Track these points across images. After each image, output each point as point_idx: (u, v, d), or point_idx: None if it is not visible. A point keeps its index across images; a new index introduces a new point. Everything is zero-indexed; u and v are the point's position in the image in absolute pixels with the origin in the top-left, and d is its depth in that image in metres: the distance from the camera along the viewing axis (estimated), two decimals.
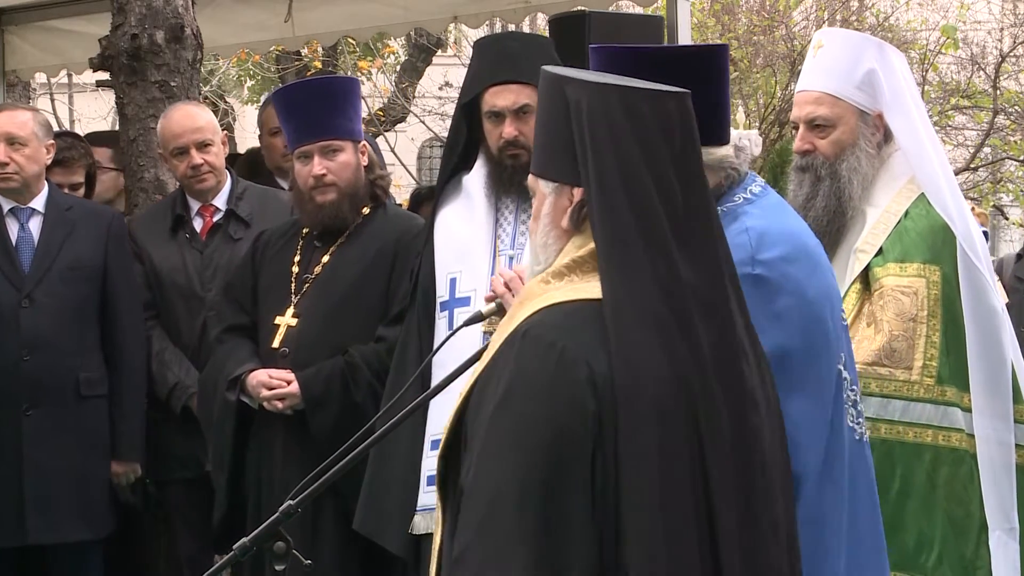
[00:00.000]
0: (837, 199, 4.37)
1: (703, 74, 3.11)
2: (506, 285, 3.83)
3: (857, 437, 3.61)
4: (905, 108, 4.40)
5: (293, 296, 4.93)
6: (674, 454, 2.40)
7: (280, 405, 4.80)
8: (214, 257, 5.55)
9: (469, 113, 4.54)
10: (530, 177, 2.65)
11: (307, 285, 4.92)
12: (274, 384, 4.80)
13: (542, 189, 2.62)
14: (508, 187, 4.45)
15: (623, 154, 2.48)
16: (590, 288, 2.50)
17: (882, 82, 4.38)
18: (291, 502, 2.96)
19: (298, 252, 5.00)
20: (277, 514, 2.94)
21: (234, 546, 2.94)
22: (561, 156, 2.55)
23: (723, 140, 3.40)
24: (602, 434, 2.39)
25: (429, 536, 4.39)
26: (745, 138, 3.57)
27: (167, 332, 5.58)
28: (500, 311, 3.46)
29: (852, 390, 3.60)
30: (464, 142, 4.58)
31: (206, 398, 5.09)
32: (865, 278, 4.30)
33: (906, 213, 4.35)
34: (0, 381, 5.37)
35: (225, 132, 5.88)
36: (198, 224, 5.63)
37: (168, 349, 5.53)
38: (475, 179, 4.54)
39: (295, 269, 4.97)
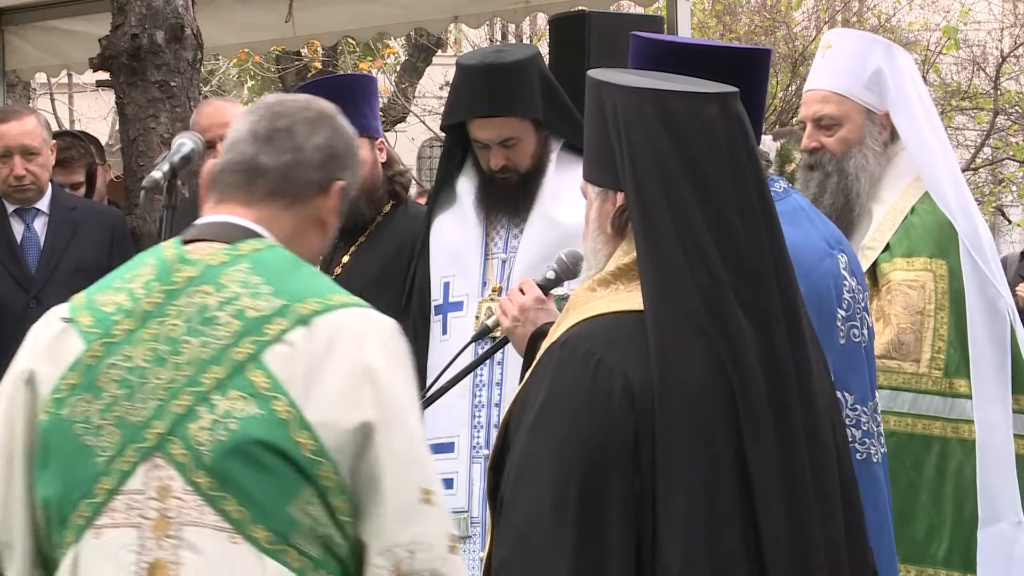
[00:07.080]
0: (844, 196, 4.39)
1: (744, 76, 3.06)
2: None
3: (860, 457, 3.56)
4: (911, 109, 4.42)
5: None
6: (714, 463, 2.37)
7: None
8: None
9: (457, 124, 4.49)
10: (582, 181, 2.63)
11: None
12: None
13: (590, 194, 2.59)
14: (500, 204, 4.44)
15: (659, 157, 2.44)
16: (633, 298, 2.46)
17: (889, 82, 4.41)
18: None
19: None
20: None
21: None
22: (603, 161, 2.52)
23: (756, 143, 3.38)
24: (639, 443, 2.36)
25: None
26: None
27: None
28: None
29: (854, 409, 3.57)
30: (460, 157, 4.56)
31: None
32: (873, 275, 4.31)
33: (912, 209, 4.38)
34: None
35: None
36: None
37: None
38: (467, 185, 4.52)
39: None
